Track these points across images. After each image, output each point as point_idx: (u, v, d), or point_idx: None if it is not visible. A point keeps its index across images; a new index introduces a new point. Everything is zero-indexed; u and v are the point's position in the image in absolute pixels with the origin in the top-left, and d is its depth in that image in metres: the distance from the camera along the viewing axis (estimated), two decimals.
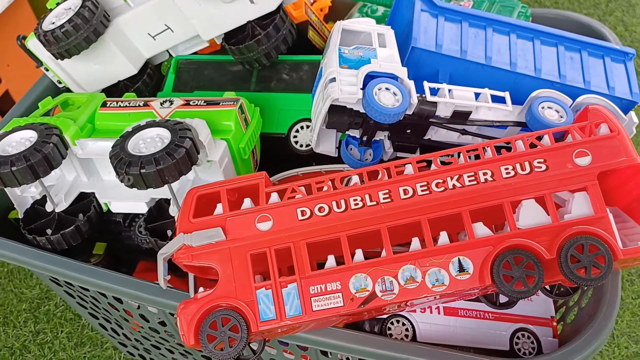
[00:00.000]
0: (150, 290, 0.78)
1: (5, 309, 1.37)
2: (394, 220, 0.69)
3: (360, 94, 0.75)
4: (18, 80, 1.54)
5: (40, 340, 1.31)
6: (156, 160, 0.74)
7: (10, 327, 1.34)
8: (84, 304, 1.01)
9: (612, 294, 0.75)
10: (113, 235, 0.96)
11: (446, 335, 0.81)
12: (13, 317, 1.35)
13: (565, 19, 1.10)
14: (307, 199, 0.71)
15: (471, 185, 0.69)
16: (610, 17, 1.87)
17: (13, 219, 0.97)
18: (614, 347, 1.23)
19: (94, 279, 0.80)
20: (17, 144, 0.82)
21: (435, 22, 0.86)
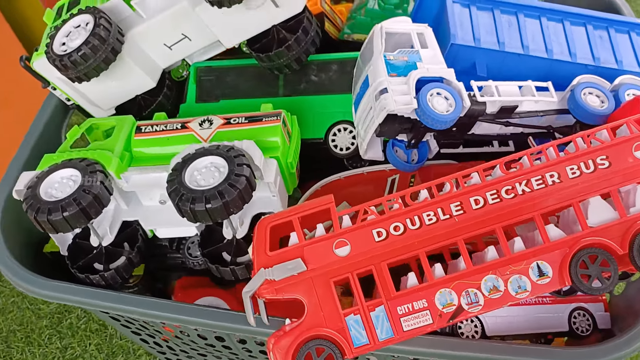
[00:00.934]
0: (236, 319, 0.78)
1: (26, 327, 1.34)
2: (469, 232, 0.70)
3: (415, 103, 0.74)
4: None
5: (70, 355, 1.30)
6: (220, 193, 0.72)
7: (34, 346, 1.32)
8: (129, 325, 1.01)
9: None
10: (156, 257, 0.94)
11: (512, 325, 0.85)
12: (36, 336, 1.33)
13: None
14: (381, 219, 0.71)
15: (540, 188, 0.70)
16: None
17: (49, 252, 0.95)
18: None
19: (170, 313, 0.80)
20: (60, 185, 0.79)
21: (468, 12, 0.86)
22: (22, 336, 1.34)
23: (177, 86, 1.02)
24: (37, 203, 0.76)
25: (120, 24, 0.90)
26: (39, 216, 0.76)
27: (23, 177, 0.82)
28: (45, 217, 0.75)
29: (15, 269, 0.86)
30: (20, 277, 0.85)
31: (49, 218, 0.75)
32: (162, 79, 0.97)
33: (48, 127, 1.00)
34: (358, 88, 0.82)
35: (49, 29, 0.98)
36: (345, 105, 0.91)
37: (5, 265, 0.86)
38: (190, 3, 0.85)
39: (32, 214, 0.76)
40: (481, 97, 0.78)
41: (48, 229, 0.77)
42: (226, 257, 0.85)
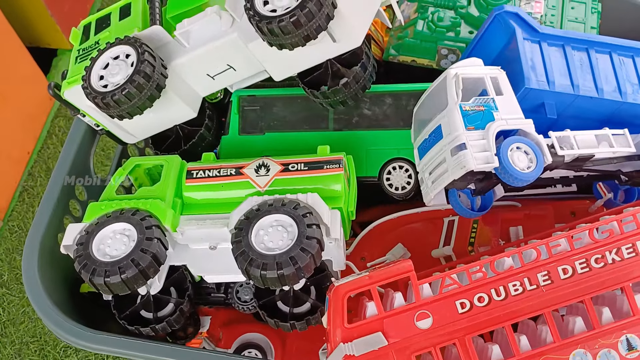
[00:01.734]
0: None
1: (39, 339, 1.30)
2: (557, 303, 0.67)
3: (496, 161, 0.70)
4: None
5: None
6: (293, 259, 0.68)
7: (49, 358, 1.27)
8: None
9: None
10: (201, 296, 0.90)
11: None
12: (50, 348, 1.29)
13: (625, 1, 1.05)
14: (465, 289, 0.68)
15: (630, 257, 0.68)
16: None
17: (86, 292, 0.90)
18: None
19: None
20: (113, 241, 0.74)
21: (539, 49, 0.81)
22: (35, 349, 1.29)
23: (216, 110, 0.96)
24: (92, 264, 0.71)
25: (160, 52, 0.83)
26: (96, 279, 0.71)
27: (71, 230, 0.76)
28: (102, 280, 0.70)
29: (59, 320, 0.81)
30: (66, 330, 0.81)
31: (107, 281, 0.70)
32: (202, 107, 0.90)
33: (79, 154, 0.93)
34: (426, 134, 0.78)
35: (77, 51, 0.90)
36: (400, 141, 0.86)
37: (49, 317, 0.81)
38: (241, 37, 0.79)
39: (86, 276, 0.71)
40: (561, 149, 0.74)
41: (104, 291, 0.72)
42: (282, 307, 0.81)
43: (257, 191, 0.78)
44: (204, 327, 0.99)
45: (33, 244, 0.86)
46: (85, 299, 0.91)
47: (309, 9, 0.70)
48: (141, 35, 0.83)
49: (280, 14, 0.71)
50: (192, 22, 0.81)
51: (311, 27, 0.72)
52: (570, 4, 0.95)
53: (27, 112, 1.45)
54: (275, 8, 0.73)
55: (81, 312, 0.88)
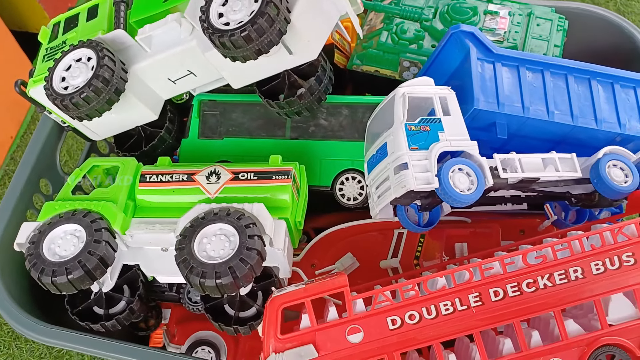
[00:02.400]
0: None
1: None
2: (487, 324, 0.69)
3: (437, 182, 0.72)
4: None
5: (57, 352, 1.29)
6: (231, 269, 0.70)
7: (21, 341, 1.32)
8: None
9: None
10: (155, 294, 0.92)
11: None
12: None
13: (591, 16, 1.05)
14: (397, 306, 0.69)
15: (562, 283, 0.69)
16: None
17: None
18: None
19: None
20: (63, 241, 0.76)
21: (492, 70, 0.82)
22: (8, 330, 1.33)
23: (179, 113, 0.97)
24: (41, 263, 0.73)
25: (121, 55, 0.85)
26: (43, 278, 0.73)
27: (24, 229, 0.78)
28: (49, 279, 0.73)
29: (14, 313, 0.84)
30: (20, 322, 0.84)
31: (54, 280, 0.73)
32: (164, 109, 0.92)
33: (44, 149, 0.95)
34: (374, 150, 0.79)
35: (45, 49, 0.91)
36: (354, 153, 0.88)
37: (5, 310, 0.84)
38: (200, 46, 0.80)
39: (35, 274, 0.73)
40: (504, 171, 0.75)
41: (52, 290, 0.74)
42: (229, 310, 0.83)
43: (207, 198, 0.80)
44: (165, 319, 1.02)
45: None
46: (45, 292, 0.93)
47: (260, 25, 0.71)
48: (104, 38, 0.85)
49: (232, 28, 0.73)
50: (154, 28, 0.83)
51: (262, 42, 0.73)
52: (536, 21, 0.95)
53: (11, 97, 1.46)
54: (229, 22, 0.74)
55: (40, 305, 0.90)
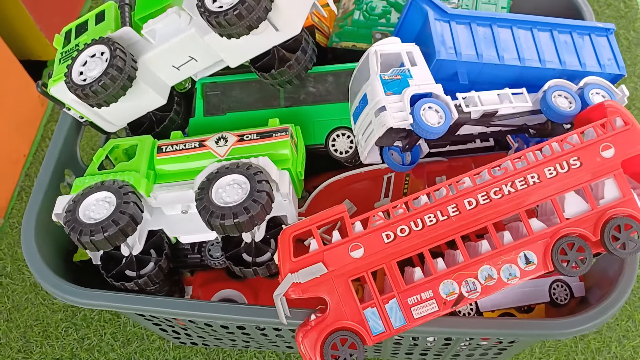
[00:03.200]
0: (267, 313, 0.90)
1: (42, 322, 1.43)
2: (465, 229, 0.82)
3: (411, 118, 0.85)
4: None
5: (87, 345, 1.39)
6: (246, 209, 0.82)
7: (52, 339, 1.41)
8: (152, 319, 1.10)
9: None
10: (179, 259, 1.04)
11: (501, 300, 0.97)
12: (52, 329, 1.42)
13: None
14: (388, 223, 0.82)
15: (523, 188, 0.82)
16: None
17: (79, 261, 1.04)
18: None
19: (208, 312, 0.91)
20: (96, 207, 0.88)
21: (449, 27, 0.96)
22: (39, 330, 1.43)
23: (184, 97, 1.10)
24: (79, 226, 0.85)
25: (130, 49, 0.98)
26: (82, 238, 0.84)
27: (60, 201, 0.90)
28: (88, 238, 0.84)
29: (59, 284, 0.95)
30: (66, 291, 0.94)
31: (92, 239, 0.84)
32: (170, 95, 1.05)
33: (66, 143, 1.08)
34: (357, 103, 0.92)
35: (60, 54, 1.04)
36: (341, 113, 1.01)
37: (50, 282, 0.95)
38: (198, 32, 0.93)
39: (75, 236, 0.85)
40: (466, 107, 0.89)
41: (90, 248, 0.86)
42: (246, 258, 0.95)
43: (217, 159, 0.93)
44: (187, 294, 1.14)
45: (29, 221, 1.00)
46: (78, 268, 1.05)
47: (249, 3, 0.85)
48: (113, 35, 0.97)
49: (225, 9, 0.86)
50: (156, 21, 0.95)
51: (252, 18, 0.86)
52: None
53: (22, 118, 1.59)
54: (222, 5, 0.87)
55: (75, 280, 1.01)
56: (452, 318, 0.87)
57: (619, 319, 1.34)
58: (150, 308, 0.93)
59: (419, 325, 0.81)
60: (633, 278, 0.90)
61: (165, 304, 0.92)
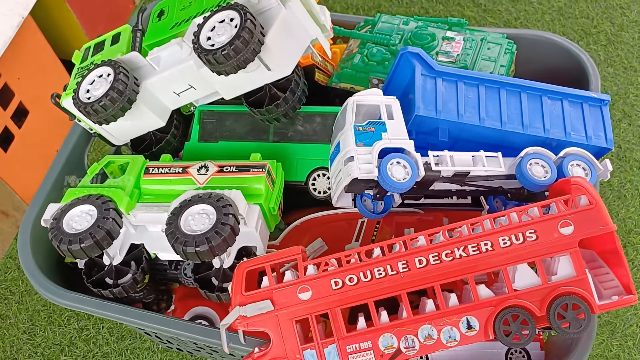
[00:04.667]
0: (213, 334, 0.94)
1: (49, 308, 1.52)
2: (412, 287, 0.84)
3: (376, 172, 0.88)
4: (29, 91, 1.63)
5: (85, 336, 1.48)
6: (208, 239, 0.87)
7: (55, 325, 1.50)
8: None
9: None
10: (159, 272, 1.10)
11: (453, 357, 0.99)
12: (57, 316, 1.51)
13: (544, 40, 1.21)
14: (339, 270, 0.85)
15: (474, 254, 0.84)
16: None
17: (70, 263, 1.11)
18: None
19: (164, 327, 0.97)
20: (80, 218, 0.94)
21: (434, 84, 0.98)
22: (45, 316, 1.52)
23: (185, 121, 1.16)
24: (60, 234, 0.92)
25: (136, 73, 1.04)
26: (62, 246, 0.91)
27: (49, 209, 0.97)
28: (66, 247, 0.91)
29: (42, 281, 1.02)
30: (45, 288, 1.02)
31: (69, 248, 0.91)
32: (171, 118, 1.11)
33: (74, 151, 1.15)
34: (333, 147, 0.96)
35: (77, 69, 1.12)
36: (325, 153, 1.04)
37: (34, 279, 1.03)
38: (195, 64, 0.98)
39: (56, 243, 0.92)
40: (436, 165, 0.91)
41: (68, 256, 0.93)
42: (214, 281, 1.00)
43: (197, 186, 0.98)
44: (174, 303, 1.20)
45: (28, 220, 1.08)
46: (70, 269, 1.13)
47: (236, 45, 0.90)
48: (122, 58, 1.04)
49: (215, 48, 0.91)
50: (160, 50, 1.02)
51: (239, 59, 0.91)
52: (487, 45, 1.11)
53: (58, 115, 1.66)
54: (214, 43, 0.92)
55: (65, 279, 1.09)
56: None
57: None
58: (118, 316, 0.99)
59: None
60: (585, 354, 0.90)
61: (131, 314, 0.98)
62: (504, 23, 1.88)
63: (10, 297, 1.55)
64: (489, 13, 1.92)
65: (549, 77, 1.08)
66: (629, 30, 1.84)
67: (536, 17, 1.89)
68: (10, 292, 1.56)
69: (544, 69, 1.18)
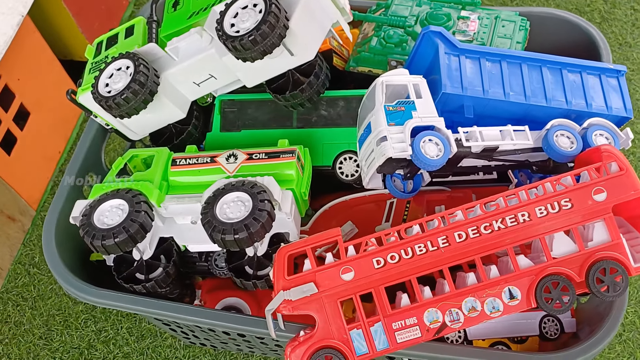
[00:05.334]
0: (259, 324, 0.95)
1: (64, 312, 1.51)
2: (453, 261, 0.85)
3: (410, 150, 0.88)
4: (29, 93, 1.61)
5: (104, 337, 1.47)
6: (246, 226, 0.87)
7: (72, 329, 1.48)
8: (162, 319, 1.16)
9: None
10: (188, 265, 1.10)
11: (490, 330, 1.00)
12: (73, 319, 1.49)
13: (553, 17, 1.22)
14: (380, 249, 0.85)
15: (512, 225, 0.85)
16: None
17: (95, 260, 1.10)
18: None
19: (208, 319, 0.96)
20: (110, 213, 0.93)
21: (458, 61, 0.99)
22: (60, 320, 1.50)
23: (204, 112, 1.16)
24: (93, 230, 0.91)
25: (154, 64, 1.03)
26: (94, 242, 0.90)
27: (78, 205, 0.96)
28: (99, 242, 0.90)
29: (72, 281, 1.01)
30: (78, 289, 1.01)
31: (103, 243, 0.90)
32: (190, 109, 1.10)
33: (91, 148, 1.14)
34: (362, 130, 0.96)
35: (90, 64, 1.11)
36: (350, 137, 1.05)
37: (64, 279, 1.02)
38: (217, 52, 0.98)
39: (88, 239, 0.91)
40: (467, 141, 0.92)
41: (101, 252, 0.92)
42: (248, 270, 1.00)
43: (226, 175, 0.97)
44: (197, 298, 1.19)
45: (51, 220, 1.07)
46: (95, 267, 1.12)
47: (263, 30, 0.89)
48: (140, 51, 1.03)
49: (241, 34, 0.91)
50: (180, 40, 1.01)
51: (266, 44, 0.91)
52: (501, 23, 1.12)
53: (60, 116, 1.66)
54: (239, 30, 0.92)
55: (91, 277, 1.08)
56: (435, 344, 0.90)
57: (621, 355, 1.35)
58: (154, 311, 0.98)
59: (401, 349, 0.84)
60: (620, 317, 0.91)
61: (168, 307, 0.98)
62: (500, 3, 1.90)
63: (23, 303, 1.53)
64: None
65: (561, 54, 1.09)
66: (622, 7, 1.87)
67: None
68: (23, 298, 1.54)
69: (555, 46, 1.18)
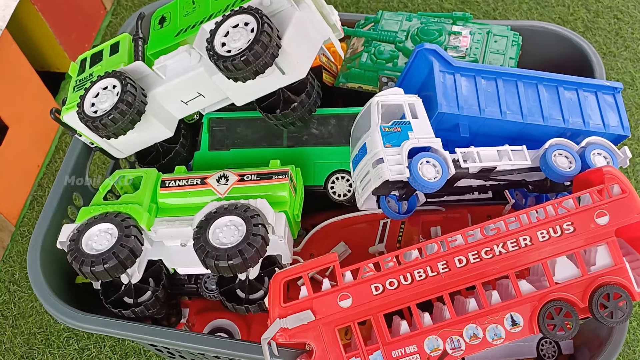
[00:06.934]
0: (257, 350, 0.90)
1: (45, 330, 1.46)
2: (453, 287, 0.83)
3: (408, 172, 0.86)
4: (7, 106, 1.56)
5: (87, 356, 1.43)
6: (240, 252, 0.84)
7: (54, 347, 1.44)
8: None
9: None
10: (176, 287, 1.06)
11: (489, 353, 0.98)
12: (54, 338, 1.45)
13: (544, 31, 1.21)
14: (378, 275, 0.83)
15: (514, 250, 0.83)
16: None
17: (80, 283, 1.07)
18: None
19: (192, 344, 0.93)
20: (99, 237, 0.90)
21: (453, 80, 0.97)
22: (42, 338, 1.46)
23: (191, 130, 1.13)
24: (81, 256, 0.88)
25: (141, 83, 1.00)
26: (84, 268, 0.87)
27: (65, 230, 0.93)
28: (89, 268, 0.87)
29: (58, 306, 0.98)
30: (64, 314, 0.97)
31: (92, 269, 0.87)
32: (178, 127, 1.07)
33: (76, 168, 1.10)
34: (357, 150, 0.94)
35: (74, 81, 1.07)
36: (342, 156, 1.03)
37: (49, 304, 0.98)
38: (207, 71, 0.95)
39: (76, 265, 0.88)
40: (464, 162, 0.90)
41: (91, 278, 0.89)
42: (240, 294, 0.97)
43: (217, 197, 0.95)
44: (184, 317, 1.16)
45: (36, 242, 1.03)
46: (80, 289, 1.08)
47: (256, 50, 0.87)
48: (126, 69, 1.00)
49: (233, 54, 0.88)
50: (167, 58, 0.98)
51: (259, 64, 0.88)
52: (493, 38, 1.11)
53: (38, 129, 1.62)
54: (230, 49, 0.89)
55: (77, 300, 1.04)
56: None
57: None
58: (144, 336, 0.95)
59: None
60: (621, 342, 0.90)
61: (159, 333, 0.95)
62: (483, 14, 1.89)
63: (3, 321, 1.49)
64: (467, 4, 1.93)
65: (552, 68, 1.08)
66: (605, 16, 1.87)
67: (514, 7, 1.91)
68: (3, 316, 1.50)
69: (546, 61, 1.18)
